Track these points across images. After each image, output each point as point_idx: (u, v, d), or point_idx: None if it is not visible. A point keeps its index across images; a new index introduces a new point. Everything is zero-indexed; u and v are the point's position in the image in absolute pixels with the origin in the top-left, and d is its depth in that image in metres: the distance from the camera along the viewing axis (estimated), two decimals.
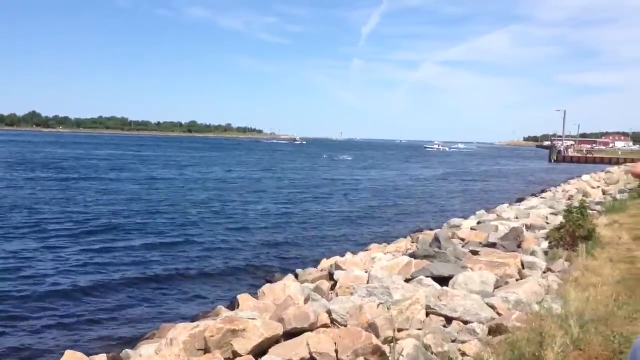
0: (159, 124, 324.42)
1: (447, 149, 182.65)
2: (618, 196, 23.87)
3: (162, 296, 13.03)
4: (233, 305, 10.58)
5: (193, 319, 10.30)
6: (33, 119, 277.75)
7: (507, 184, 50.54)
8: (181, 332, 6.95)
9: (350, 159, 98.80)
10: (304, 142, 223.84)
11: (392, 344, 5.48)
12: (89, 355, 7.77)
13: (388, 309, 7.34)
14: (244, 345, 6.56)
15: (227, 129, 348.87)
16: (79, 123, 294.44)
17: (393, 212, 28.80)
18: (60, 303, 12.17)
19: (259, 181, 45.68)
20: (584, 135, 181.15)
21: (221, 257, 17.04)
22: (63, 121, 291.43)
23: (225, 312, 9.50)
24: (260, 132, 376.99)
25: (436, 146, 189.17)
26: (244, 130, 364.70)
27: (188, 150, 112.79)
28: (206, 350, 6.63)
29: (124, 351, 8.23)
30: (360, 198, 35.14)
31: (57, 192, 31.90)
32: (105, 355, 8.12)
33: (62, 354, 7.53)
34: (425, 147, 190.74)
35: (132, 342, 9.47)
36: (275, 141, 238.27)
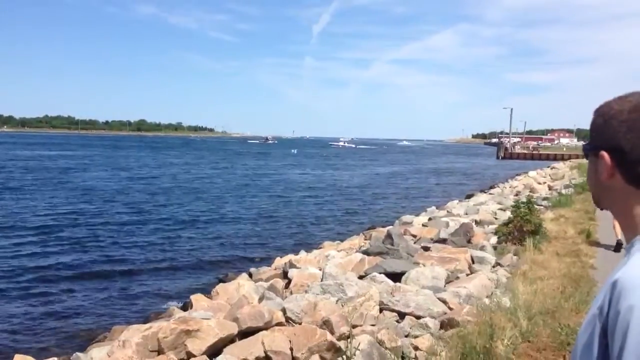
0: (107, 122, 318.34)
1: (353, 146, 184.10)
2: (563, 191, 24.55)
3: (114, 298, 12.79)
4: (186, 306, 10.47)
5: (146, 320, 10.16)
6: None
7: (456, 180, 51.39)
8: (134, 333, 6.84)
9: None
10: (276, 142, 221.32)
11: (347, 340, 5.53)
12: (38, 359, 7.59)
13: (342, 305, 7.40)
14: (198, 346, 6.51)
15: (178, 127, 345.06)
16: (24, 122, 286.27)
17: (345, 210, 28.94)
18: (8, 307, 11.83)
19: (213, 180, 45.23)
20: (530, 132, 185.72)
21: (174, 257, 16.83)
22: (7, 120, 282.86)
23: (178, 313, 9.39)
24: (211, 130, 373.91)
25: (341, 143, 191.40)
26: (195, 128, 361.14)
27: (144, 150, 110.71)
28: (159, 352, 6.55)
29: (74, 354, 8.03)
30: (311, 196, 35.18)
31: None
32: (55, 358, 7.95)
33: (12, 358, 7.35)
34: (330, 144, 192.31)
35: (83, 345, 9.28)
36: (250, 141, 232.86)
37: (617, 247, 10.93)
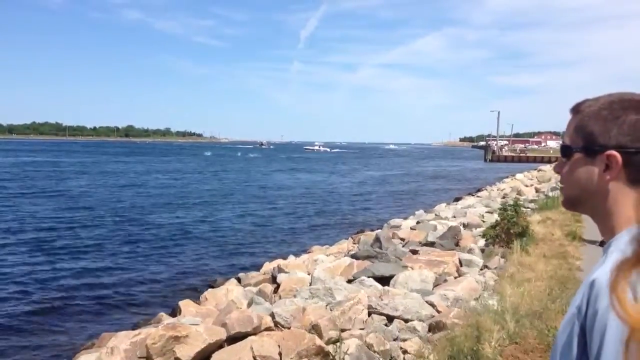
0: (94, 128, 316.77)
1: (328, 150, 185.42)
2: (550, 194, 24.69)
3: (102, 305, 12.71)
4: (175, 312, 10.46)
5: (134, 326, 10.11)
6: None
7: (444, 184, 51.56)
8: (122, 340, 6.83)
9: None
10: (272, 146, 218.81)
11: (335, 344, 5.54)
12: None
13: (331, 310, 7.41)
14: (186, 352, 6.50)
15: (166, 133, 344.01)
16: (11, 129, 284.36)
17: (334, 214, 28.95)
18: None
19: (197, 187, 45.12)
20: (517, 135, 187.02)
21: (161, 263, 16.76)
22: None
23: (167, 319, 9.38)
24: (199, 135, 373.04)
25: (316, 147, 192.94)
26: (183, 134, 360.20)
27: (136, 156, 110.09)
28: (148, 358, 6.53)
29: None
30: (299, 200, 35.18)
31: None
32: None
33: None
34: (305, 148, 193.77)
35: (72, 352, 9.23)
36: (240, 145, 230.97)
37: (602, 242, 11.01)
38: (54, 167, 66.28)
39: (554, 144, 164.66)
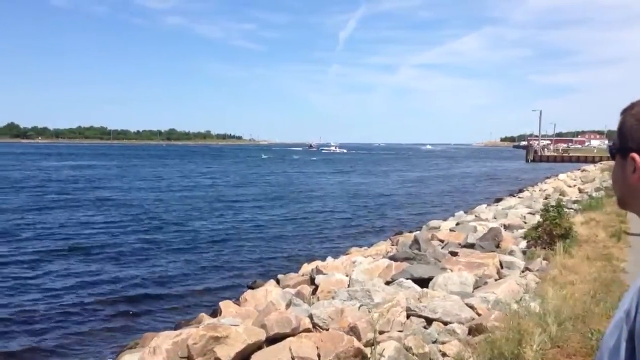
0: (138, 132, 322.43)
1: (344, 151, 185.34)
2: (594, 194, 24.19)
3: (145, 306, 12.95)
4: (215, 313, 10.57)
5: (176, 327, 10.27)
6: (12, 130, 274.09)
7: (485, 185, 50.96)
8: (164, 340, 6.93)
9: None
10: (322, 149, 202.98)
11: (373, 347, 5.53)
12: None
13: (369, 311, 7.39)
14: (226, 352, 6.56)
15: (207, 135, 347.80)
16: (58, 133, 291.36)
17: (372, 215, 28.89)
18: (43, 315, 12.06)
19: (239, 189, 45.55)
20: (559, 135, 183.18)
21: (202, 264, 16.99)
22: (42, 132, 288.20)
23: (207, 319, 9.48)
24: (239, 138, 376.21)
25: (333, 148, 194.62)
26: (224, 136, 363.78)
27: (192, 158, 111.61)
28: (189, 358, 6.62)
29: None
30: (338, 202, 35.20)
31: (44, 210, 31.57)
32: None
33: None
34: (321, 149, 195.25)
35: (115, 352, 9.43)
36: (290, 148, 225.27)
37: None
38: (118, 171, 67.76)
39: (597, 143, 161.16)
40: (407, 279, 9.60)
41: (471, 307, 7.94)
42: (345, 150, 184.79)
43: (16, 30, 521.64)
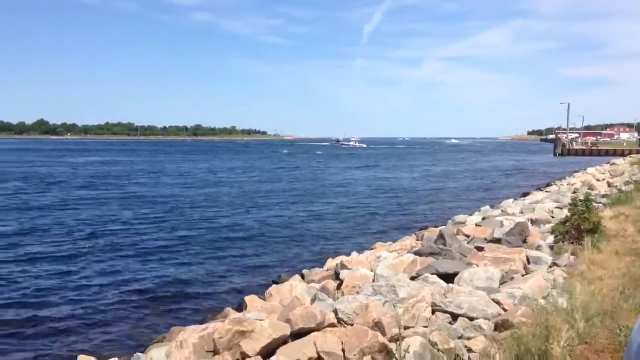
0: (164, 128, 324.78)
1: (364, 146, 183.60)
2: (623, 188, 23.78)
3: (172, 301, 13.10)
4: (241, 307, 10.65)
5: (202, 321, 10.38)
6: (41, 126, 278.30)
7: (512, 179, 50.44)
8: (191, 334, 7.00)
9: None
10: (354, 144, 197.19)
11: (398, 342, 5.52)
12: (100, 359, 7.85)
13: (394, 307, 7.38)
14: (252, 346, 6.61)
15: (232, 131, 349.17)
16: (86, 130, 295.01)
17: (397, 211, 28.80)
18: (73, 310, 12.29)
19: (264, 184, 45.74)
20: (588, 128, 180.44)
21: (228, 259, 17.13)
22: (71, 128, 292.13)
23: (233, 314, 9.56)
24: (264, 133, 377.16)
25: (353, 143, 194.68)
26: (249, 132, 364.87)
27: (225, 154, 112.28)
28: (215, 352, 6.69)
29: (135, 355, 8.29)
30: (363, 197, 35.15)
31: (79, 207, 32.06)
32: (116, 359, 8.20)
33: (76, 358, 7.62)
34: (342, 144, 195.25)
35: (143, 346, 9.55)
36: (316, 143, 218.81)
37: None
38: (145, 167, 68.61)
39: (627, 137, 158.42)
40: (433, 274, 9.56)
41: (497, 302, 7.87)
42: (365, 145, 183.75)
43: (46, 27, 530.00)
